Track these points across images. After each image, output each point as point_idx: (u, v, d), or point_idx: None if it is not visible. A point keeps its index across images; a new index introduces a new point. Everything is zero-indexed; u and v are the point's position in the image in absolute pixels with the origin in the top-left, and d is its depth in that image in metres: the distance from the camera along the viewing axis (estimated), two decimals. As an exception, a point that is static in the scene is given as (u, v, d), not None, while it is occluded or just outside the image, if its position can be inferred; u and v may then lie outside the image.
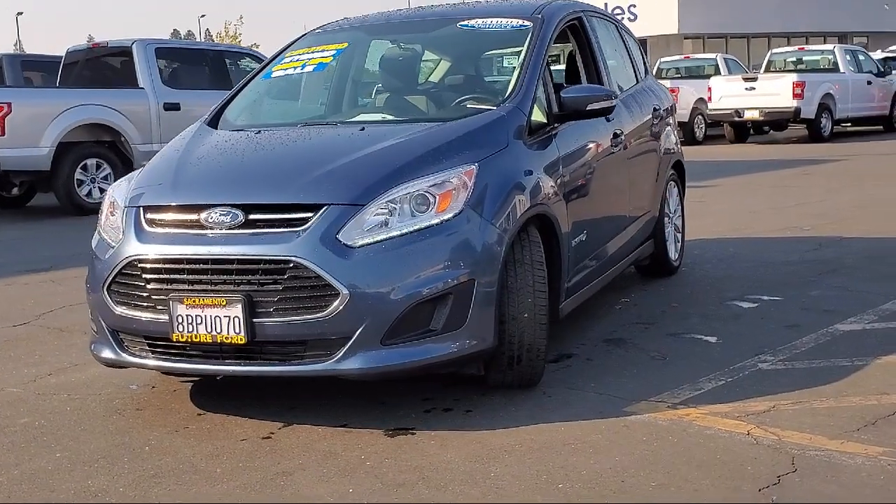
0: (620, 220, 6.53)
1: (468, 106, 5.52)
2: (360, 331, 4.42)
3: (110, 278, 4.78)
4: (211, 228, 4.62)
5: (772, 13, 39.44)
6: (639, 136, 6.89)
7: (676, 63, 26.82)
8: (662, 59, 27.07)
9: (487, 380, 4.98)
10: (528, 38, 5.73)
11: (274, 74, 6.17)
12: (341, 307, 4.38)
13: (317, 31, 6.51)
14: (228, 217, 4.60)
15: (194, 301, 4.53)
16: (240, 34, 70.28)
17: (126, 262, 4.71)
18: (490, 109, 5.31)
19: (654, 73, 25.84)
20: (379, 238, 4.47)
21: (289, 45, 6.40)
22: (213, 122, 5.83)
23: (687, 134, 23.21)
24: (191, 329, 4.56)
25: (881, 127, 25.80)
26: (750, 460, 4.05)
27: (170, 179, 5.00)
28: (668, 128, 7.65)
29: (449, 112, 5.57)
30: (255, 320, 4.46)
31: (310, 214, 4.52)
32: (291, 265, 4.42)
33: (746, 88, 22.40)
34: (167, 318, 4.60)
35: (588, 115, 5.55)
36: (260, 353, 4.57)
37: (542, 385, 5.08)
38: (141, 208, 4.85)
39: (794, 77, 22.49)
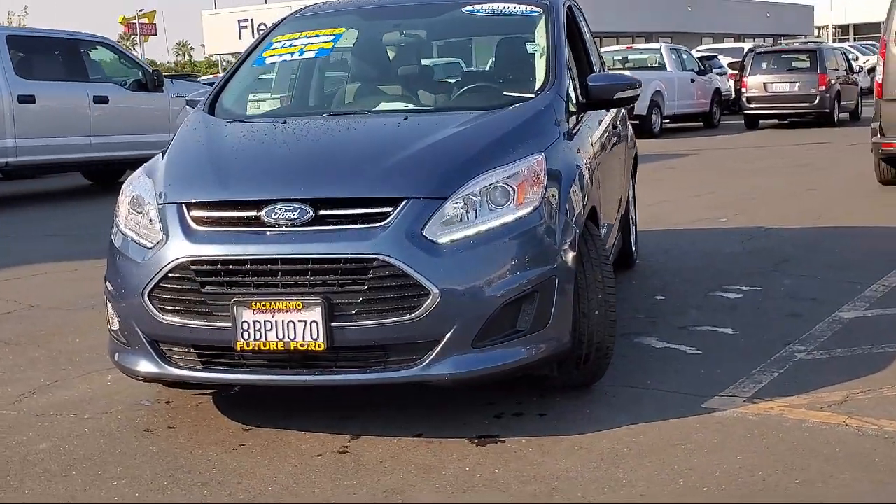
0: (615, 214, 6.42)
1: (505, 94, 5.26)
2: (450, 333, 4.12)
3: (153, 283, 4.29)
4: (274, 226, 4.21)
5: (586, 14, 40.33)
6: (616, 128, 6.79)
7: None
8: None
9: (553, 381, 4.75)
10: (545, 24, 5.52)
11: (268, 61, 5.73)
12: (431, 308, 4.07)
13: (299, 15, 6.09)
14: (296, 213, 4.20)
15: (264, 305, 4.11)
16: (24, 25, 66.93)
17: (175, 265, 4.24)
18: (529, 98, 5.08)
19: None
20: (467, 233, 4.18)
21: (270, 31, 5.96)
22: (213, 111, 5.35)
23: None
24: (258, 336, 4.14)
25: (701, 123, 26.79)
26: (872, 452, 3.98)
27: (211, 173, 4.54)
28: (628, 121, 7.61)
29: (483, 101, 5.29)
30: (333, 325, 4.08)
31: (389, 209, 4.18)
32: (376, 263, 4.07)
33: None
34: (229, 325, 4.16)
35: (615, 104, 5.40)
36: (336, 360, 4.20)
37: (598, 385, 4.88)
38: (183, 205, 4.38)
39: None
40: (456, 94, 5.41)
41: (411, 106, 5.32)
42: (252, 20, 42.76)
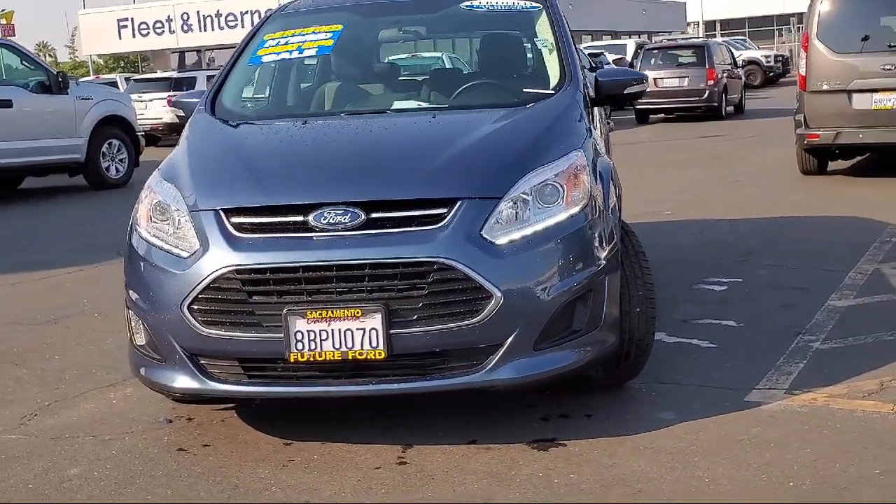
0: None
1: (524, 91, 5.17)
2: (513, 336, 4.02)
3: (194, 294, 4.07)
4: (323, 230, 4.04)
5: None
6: (609, 123, 6.77)
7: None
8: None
9: (593, 380, 4.68)
10: (547, 20, 5.45)
11: (265, 59, 5.51)
12: (495, 311, 3.96)
13: (289, 10, 5.88)
14: (347, 217, 4.04)
15: (321, 314, 3.94)
16: None
17: (218, 275, 4.03)
18: (548, 94, 5.00)
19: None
20: (524, 233, 4.08)
21: (258, 28, 5.74)
22: (214, 113, 5.12)
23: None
24: (313, 346, 3.96)
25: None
26: (934, 439, 4.03)
27: (247, 178, 4.33)
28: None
29: (501, 98, 5.18)
30: (392, 331, 3.94)
31: (444, 210, 4.05)
32: (436, 267, 3.94)
33: None
34: (280, 335, 3.98)
35: (624, 99, 5.36)
36: (393, 368, 4.05)
37: (630, 381, 4.84)
38: (221, 211, 4.16)
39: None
40: (471, 91, 5.29)
41: (425, 104, 5.18)
42: (132, 19, 41.65)
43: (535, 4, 5.59)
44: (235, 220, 4.13)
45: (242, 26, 38.37)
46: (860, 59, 11.44)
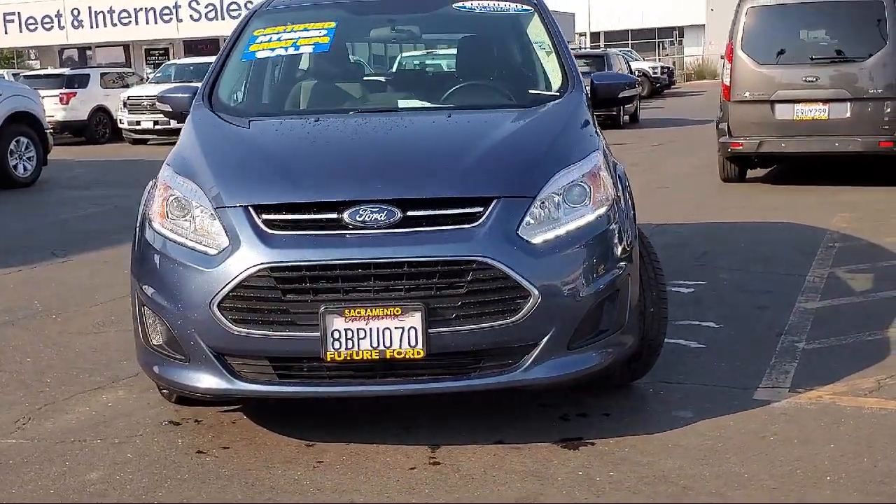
0: None
1: (530, 92, 5.19)
2: (549, 335, 4.03)
3: (224, 292, 3.97)
4: (359, 228, 3.99)
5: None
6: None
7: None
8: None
9: (605, 379, 4.72)
10: (541, 22, 5.49)
11: (258, 55, 5.40)
12: (532, 311, 3.97)
13: (278, 6, 5.75)
14: (383, 214, 4.00)
15: (359, 313, 3.89)
16: None
17: (251, 273, 3.94)
18: (554, 96, 5.04)
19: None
20: (557, 233, 4.10)
21: (245, 24, 5.61)
22: (219, 110, 5.02)
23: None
24: (350, 346, 3.91)
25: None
26: (950, 434, 4.19)
27: (275, 174, 4.25)
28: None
29: (508, 98, 5.19)
30: (431, 330, 3.91)
31: (479, 209, 4.05)
32: (475, 266, 3.93)
33: None
34: (315, 334, 3.91)
35: (619, 102, 5.43)
36: (428, 367, 4.02)
37: (636, 381, 4.90)
38: (250, 208, 4.08)
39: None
40: (475, 91, 5.28)
41: (428, 104, 5.15)
42: (20, 14, 40.28)
43: (526, 7, 5.62)
44: (266, 216, 4.05)
45: (136, 23, 37.60)
46: (783, 70, 11.79)
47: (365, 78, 5.65)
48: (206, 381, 4.10)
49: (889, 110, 11.36)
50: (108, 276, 8.00)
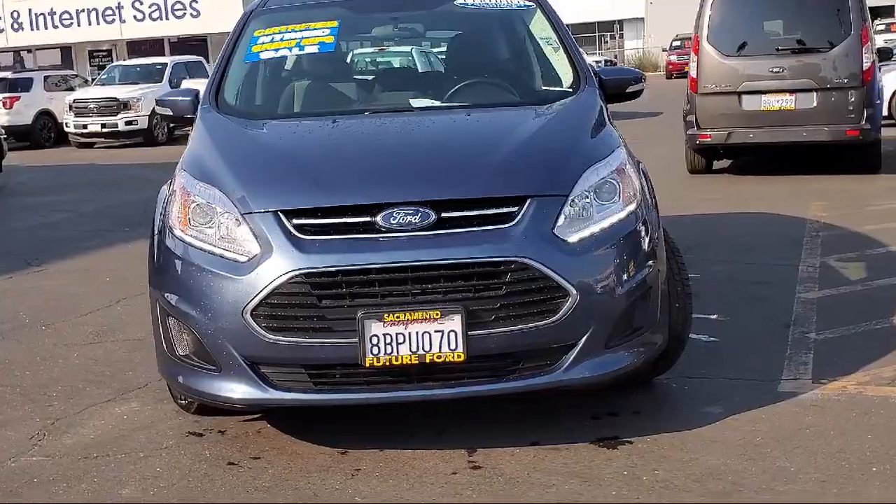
0: None
1: (544, 89, 5.14)
2: (587, 335, 3.99)
3: (258, 300, 3.88)
4: (393, 231, 3.92)
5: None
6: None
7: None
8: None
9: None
10: (545, 18, 5.44)
11: (262, 56, 5.29)
12: (571, 310, 3.92)
13: (274, 7, 5.64)
14: (418, 217, 3.93)
15: (398, 317, 3.82)
16: None
17: (286, 279, 3.85)
18: (567, 92, 4.99)
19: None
20: (592, 231, 4.06)
21: (242, 26, 5.49)
22: (228, 112, 4.92)
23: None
24: (390, 350, 3.84)
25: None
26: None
27: (303, 177, 4.16)
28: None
29: (522, 95, 5.13)
30: (470, 333, 3.85)
31: (514, 209, 3.99)
32: (513, 266, 3.88)
33: None
34: (353, 340, 3.84)
35: (626, 98, 5.39)
36: (467, 370, 3.96)
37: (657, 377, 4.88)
38: (280, 213, 3.98)
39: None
40: (487, 88, 5.21)
41: (437, 102, 5.06)
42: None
43: (528, 3, 5.56)
44: (297, 221, 3.96)
45: (78, 25, 36.91)
46: (749, 61, 11.86)
47: (374, 77, 5.55)
48: (240, 390, 4.01)
49: (853, 99, 11.48)
50: (88, 284, 7.84)
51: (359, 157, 4.34)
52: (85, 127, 23.15)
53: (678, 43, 48.58)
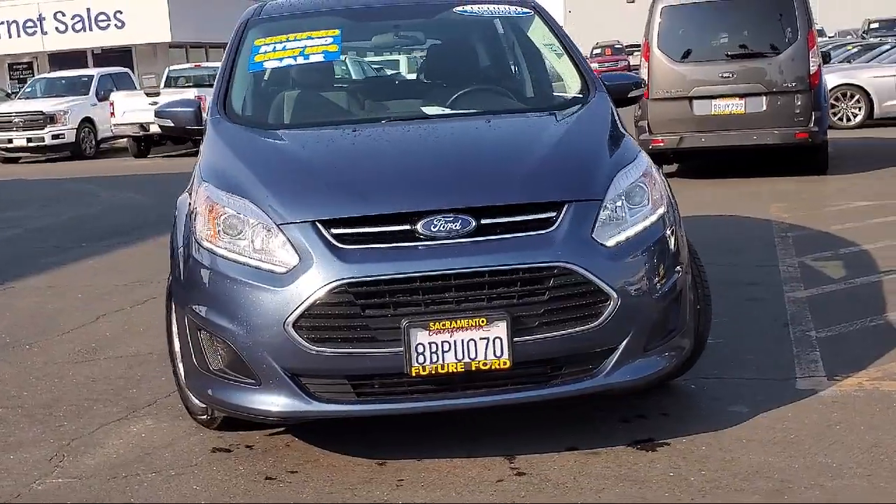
0: None
1: (556, 95, 5.16)
2: (628, 339, 4.02)
3: (300, 311, 3.83)
4: (433, 239, 3.90)
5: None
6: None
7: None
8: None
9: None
10: (544, 25, 5.47)
11: (266, 65, 5.23)
12: (613, 314, 3.95)
13: (272, 16, 5.56)
14: (458, 224, 3.92)
15: (443, 325, 3.80)
16: None
17: (329, 289, 3.81)
18: (578, 97, 5.02)
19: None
20: (627, 235, 4.09)
21: (241, 36, 5.40)
22: (240, 122, 4.85)
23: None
24: (435, 359, 3.82)
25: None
26: None
27: (340, 187, 4.11)
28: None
29: (535, 102, 5.16)
30: (516, 339, 3.85)
31: (552, 214, 4.00)
32: (556, 272, 3.89)
33: (150, 103, 21.58)
34: (397, 349, 3.81)
35: (627, 103, 5.44)
36: (510, 377, 3.95)
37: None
38: (318, 223, 3.94)
39: (195, 91, 22.15)
40: (500, 95, 5.21)
41: (446, 110, 5.04)
42: None
43: (526, 10, 5.58)
44: (336, 231, 3.92)
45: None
46: (699, 67, 12.06)
47: (383, 84, 5.52)
48: (280, 403, 3.95)
49: (800, 103, 11.74)
50: (60, 301, 7.67)
51: (393, 166, 4.31)
52: (10, 141, 22.64)
53: (598, 51, 49.28)
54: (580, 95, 5.03)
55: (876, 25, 48.65)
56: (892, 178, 11.59)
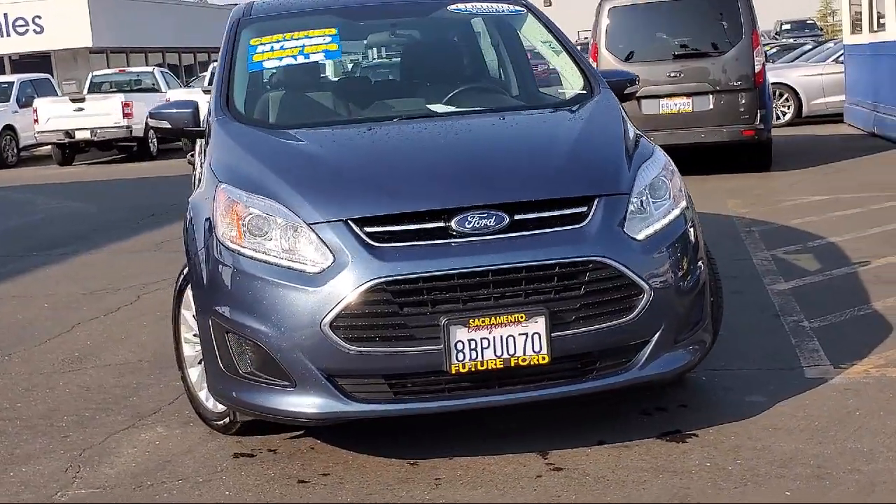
0: None
1: (559, 91, 5.17)
2: (660, 331, 4.05)
3: (337, 311, 3.78)
4: (468, 235, 3.89)
5: (168, 29, 37.88)
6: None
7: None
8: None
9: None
10: (538, 22, 5.48)
11: (266, 65, 5.15)
12: (645, 307, 3.98)
13: (263, 15, 5.48)
14: (492, 220, 3.91)
15: (482, 322, 3.78)
16: None
17: (366, 288, 3.77)
18: (582, 94, 5.04)
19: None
20: (655, 228, 4.13)
21: (236, 35, 5.31)
22: (247, 122, 4.78)
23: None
24: (475, 356, 3.81)
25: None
26: None
27: (366, 185, 4.07)
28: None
29: (542, 98, 5.15)
30: (554, 334, 3.85)
31: (583, 209, 4.02)
32: (591, 266, 3.90)
33: (75, 110, 21.47)
34: (436, 347, 3.79)
35: (624, 98, 5.47)
36: (547, 372, 3.95)
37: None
38: (350, 221, 3.89)
39: (121, 97, 22.03)
40: (502, 94, 5.21)
41: (452, 108, 5.02)
42: None
43: (518, 8, 5.59)
44: (370, 229, 3.88)
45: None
46: (647, 67, 12.13)
47: (387, 82, 5.48)
48: (316, 404, 3.90)
49: (745, 101, 11.95)
50: (29, 311, 7.48)
51: (420, 163, 4.28)
52: (-56, 151, 22.01)
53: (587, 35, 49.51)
54: (583, 92, 5.05)
55: (788, 27, 49.73)
56: (836, 173, 11.86)
